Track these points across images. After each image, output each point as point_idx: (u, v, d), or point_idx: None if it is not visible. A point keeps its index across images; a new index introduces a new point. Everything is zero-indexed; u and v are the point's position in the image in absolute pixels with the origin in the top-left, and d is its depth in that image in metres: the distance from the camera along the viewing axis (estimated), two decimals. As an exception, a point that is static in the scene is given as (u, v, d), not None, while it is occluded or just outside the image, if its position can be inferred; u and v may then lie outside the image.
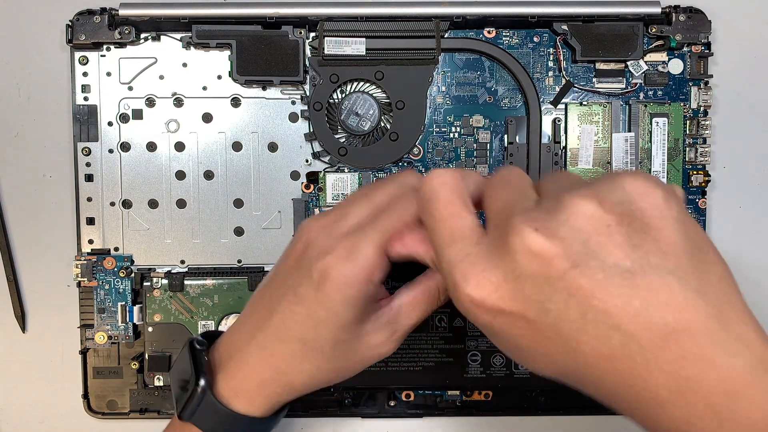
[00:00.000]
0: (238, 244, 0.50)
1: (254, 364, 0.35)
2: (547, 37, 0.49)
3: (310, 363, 0.34)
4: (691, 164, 0.50)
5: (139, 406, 0.51)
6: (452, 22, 0.48)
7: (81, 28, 0.48)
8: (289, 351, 0.34)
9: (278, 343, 0.35)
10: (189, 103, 0.49)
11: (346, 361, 0.35)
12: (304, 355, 0.34)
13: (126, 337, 0.50)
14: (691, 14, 0.48)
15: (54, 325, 0.51)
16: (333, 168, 0.50)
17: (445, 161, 0.50)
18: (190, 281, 0.49)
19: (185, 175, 0.50)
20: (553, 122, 0.49)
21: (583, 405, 0.51)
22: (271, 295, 0.36)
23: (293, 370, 0.35)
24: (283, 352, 0.35)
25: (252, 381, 0.35)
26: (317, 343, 0.34)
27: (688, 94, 0.49)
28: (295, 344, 0.34)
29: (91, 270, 0.49)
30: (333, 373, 0.36)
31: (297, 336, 0.34)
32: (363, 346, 0.35)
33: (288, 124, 0.50)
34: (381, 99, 0.49)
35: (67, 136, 0.50)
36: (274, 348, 0.35)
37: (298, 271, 0.34)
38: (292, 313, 0.34)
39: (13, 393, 0.52)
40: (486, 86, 0.50)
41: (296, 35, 0.48)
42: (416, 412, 0.51)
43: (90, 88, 0.49)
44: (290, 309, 0.34)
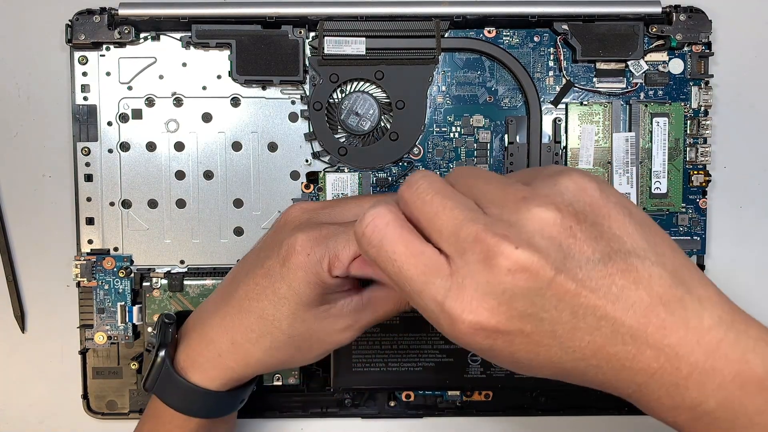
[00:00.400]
0: (238, 244, 0.50)
1: (213, 335, 0.36)
2: (547, 36, 0.49)
3: (266, 338, 0.35)
4: (691, 164, 0.49)
5: (139, 406, 0.51)
6: (452, 22, 0.48)
7: (81, 28, 0.48)
8: (247, 323, 0.35)
9: (238, 314, 0.35)
10: (189, 102, 0.49)
11: (302, 342, 0.35)
12: (261, 330, 0.35)
13: (125, 337, 0.50)
14: (691, 14, 0.48)
15: (54, 325, 0.51)
16: (333, 168, 0.50)
17: (446, 161, 0.50)
18: (190, 281, 0.49)
19: (185, 175, 0.50)
20: (554, 122, 0.49)
21: (583, 405, 0.51)
22: (240, 269, 0.37)
23: (250, 344, 0.35)
24: (242, 324, 0.35)
25: (209, 352, 0.36)
26: (276, 319, 0.34)
27: (689, 93, 0.49)
28: (254, 317, 0.35)
29: (91, 270, 0.49)
30: (288, 353, 0.36)
31: (258, 309, 0.34)
32: (322, 330, 0.35)
33: (288, 124, 0.50)
34: (381, 99, 0.49)
35: (67, 136, 0.50)
36: (233, 320, 0.35)
37: (271, 244, 0.35)
38: (256, 285, 0.35)
39: (13, 393, 0.52)
40: (486, 86, 0.50)
41: (296, 35, 0.48)
42: (416, 412, 0.51)
43: (89, 87, 0.49)
44: (255, 281, 0.35)
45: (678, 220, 0.50)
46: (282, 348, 0.35)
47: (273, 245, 0.35)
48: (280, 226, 0.36)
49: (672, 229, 0.50)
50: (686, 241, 0.50)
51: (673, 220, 0.50)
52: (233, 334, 0.36)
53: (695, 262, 0.50)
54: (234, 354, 0.36)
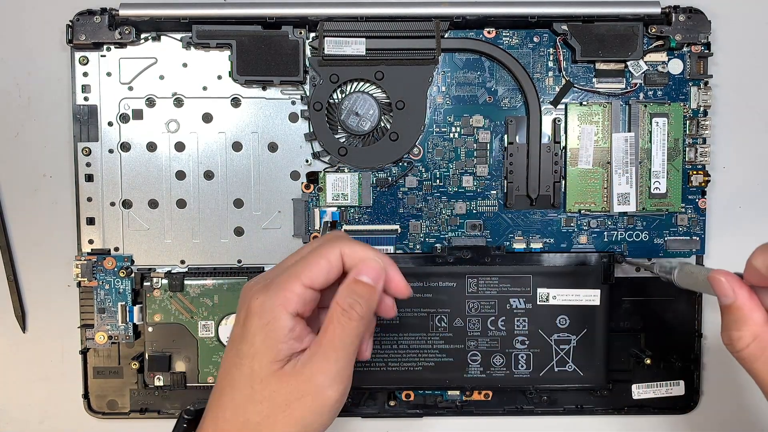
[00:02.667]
0: (238, 244, 0.50)
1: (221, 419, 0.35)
2: (547, 37, 0.49)
3: (250, 411, 0.34)
4: (690, 164, 0.50)
5: (140, 405, 0.51)
6: (452, 23, 0.48)
7: (81, 28, 0.48)
8: (229, 402, 0.34)
9: (221, 396, 0.35)
10: (189, 103, 0.49)
11: (282, 404, 0.34)
12: (242, 404, 0.34)
13: (126, 337, 0.50)
14: (690, 14, 0.48)
15: (54, 325, 0.51)
16: (333, 168, 0.50)
17: (445, 161, 0.50)
18: (190, 281, 0.49)
19: (185, 175, 0.50)
20: (553, 122, 0.49)
21: (583, 405, 0.51)
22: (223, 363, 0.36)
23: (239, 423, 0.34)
24: (224, 405, 0.34)
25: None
26: (249, 385, 0.33)
27: (688, 94, 0.49)
28: (234, 392, 0.34)
29: (91, 270, 0.49)
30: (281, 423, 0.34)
31: (232, 382, 0.34)
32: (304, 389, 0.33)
33: (288, 124, 0.50)
34: (381, 99, 0.49)
35: (67, 136, 0.50)
36: (219, 405, 0.35)
37: (236, 319, 0.36)
38: (231, 359, 0.35)
39: (13, 393, 0.52)
40: (486, 86, 0.50)
41: (296, 35, 0.48)
42: (416, 412, 0.51)
43: (90, 88, 0.49)
44: (230, 353, 0.35)
45: (677, 220, 0.50)
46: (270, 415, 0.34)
47: (238, 314, 0.36)
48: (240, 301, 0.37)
49: (671, 229, 0.50)
50: (686, 241, 0.50)
51: (673, 220, 0.50)
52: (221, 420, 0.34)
53: (694, 262, 0.51)
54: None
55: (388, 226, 0.50)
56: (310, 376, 0.33)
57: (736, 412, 0.52)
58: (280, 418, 0.33)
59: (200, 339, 0.49)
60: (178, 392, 0.50)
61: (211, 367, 0.49)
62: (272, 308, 0.33)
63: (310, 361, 0.33)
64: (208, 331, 0.49)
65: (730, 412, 0.52)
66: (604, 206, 0.49)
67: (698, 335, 0.51)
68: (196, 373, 0.49)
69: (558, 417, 0.51)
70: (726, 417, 0.52)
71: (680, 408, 0.51)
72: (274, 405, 0.33)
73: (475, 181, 0.50)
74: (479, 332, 0.49)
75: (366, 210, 0.50)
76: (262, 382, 0.33)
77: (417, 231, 0.50)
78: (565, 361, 0.49)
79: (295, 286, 0.34)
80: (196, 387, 0.50)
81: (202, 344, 0.49)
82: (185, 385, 0.49)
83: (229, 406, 0.34)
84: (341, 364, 0.34)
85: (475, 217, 0.50)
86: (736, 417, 0.52)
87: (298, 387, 0.33)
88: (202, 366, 0.49)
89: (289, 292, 0.34)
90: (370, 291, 0.34)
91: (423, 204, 0.50)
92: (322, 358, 0.33)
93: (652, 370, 0.51)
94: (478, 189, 0.50)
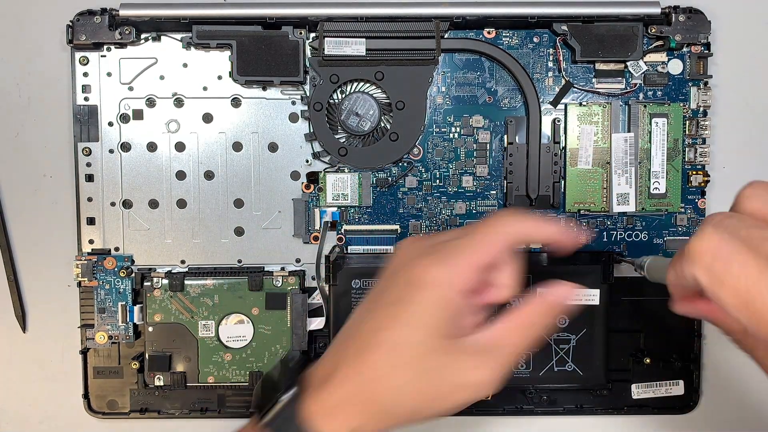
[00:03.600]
0: (238, 244, 0.50)
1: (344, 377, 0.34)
2: (546, 37, 0.49)
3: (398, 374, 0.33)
4: (690, 164, 0.50)
5: (140, 405, 0.51)
6: (452, 23, 0.48)
7: (81, 29, 0.48)
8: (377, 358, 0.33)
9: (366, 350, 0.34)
10: (189, 103, 0.49)
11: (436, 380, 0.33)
12: (393, 362, 0.33)
13: (126, 336, 0.50)
14: (690, 14, 0.48)
15: (54, 325, 0.51)
16: (333, 168, 0.50)
17: (445, 161, 0.50)
18: (191, 281, 0.49)
19: (185, 175, 0.50)
20: (553, 122, 0.49)
21: (583, 405, 0.51)
22: (361, 310, 0.36)
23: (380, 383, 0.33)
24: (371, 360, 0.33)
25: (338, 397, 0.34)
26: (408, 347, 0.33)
27: (688, 94, 0.50)
28: (384, 350, 0.33)
29: (92, 270, 0.49)
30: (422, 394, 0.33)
31: (388, 340, 0.33)
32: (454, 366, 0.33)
33: (288, 124, 0.50)
34: (381, 99, 0.49)
35: (68, 137, 0.50)
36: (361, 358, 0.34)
37: (391, 280, 0.34)
38: (385, 316, 0.33)
39: (13, 393, 0.52)
40: (486, 86, 0.50)
41: (296, 35, 0.48)
42: (416, 411, 0.51)
43: (90, 88, 0.49)
44: (383, 312, 0.34)
45: (677, 220, 0.50)
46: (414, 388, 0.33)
47: (394, 279, 0.34)
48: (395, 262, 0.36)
49: (671, 229, 0.50)
50: (685, 241, 0.50)
51: (672, 220, 0.50)
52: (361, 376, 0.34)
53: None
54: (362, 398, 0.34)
55: (388, 226, 0.50)
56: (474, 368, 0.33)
57: (736, 412, 0.52)
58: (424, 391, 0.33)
59: (200, 339, 0.49)
60: (178, 392, 0.50)
61: (211, 367, 0.49)
62: (450, 285, 0.32)
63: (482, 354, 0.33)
64: (208, 330, 0.49)
65: (729, 412, 0.52)
66: (603, 206, 0.50)
67: (698, 335, 0.51)
68: (196, 372, 0.49)
69: (558, 417, 0.51)
70: (726, 417, 0.52)
71: (680, 408, 0.51)
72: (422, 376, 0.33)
73: (474, 181, 0.50)
74: (479, 332, 0.49)
75: (366, 210, 0.50)
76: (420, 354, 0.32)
77: (417, 231, 0.50)
78: (564, 361, 0.49)
79: (473, 264, 0.32)
80: (196, 387, 0.50)
81: (202, 344, 0.49)
82: (185, 385, 0.49)
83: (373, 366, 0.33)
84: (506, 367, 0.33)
85: (475, 217, 0.50)
86: (735, 417, 0.52)
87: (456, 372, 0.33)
88: (202, 366, 0.49)
89: (467, 271, 0.32)
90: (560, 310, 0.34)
91: (423, 204, 0.50)
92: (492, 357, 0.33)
93: (652, 369, 0.51)
94: (477, 189, 0.50)
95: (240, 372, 0.49)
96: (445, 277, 0.32)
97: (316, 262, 0.50)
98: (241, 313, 0.49)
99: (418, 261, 0.33)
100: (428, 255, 0.33)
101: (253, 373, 0.49)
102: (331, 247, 0.50)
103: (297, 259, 0.50)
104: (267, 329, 0.49)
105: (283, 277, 0.49)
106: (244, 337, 0.49)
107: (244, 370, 0.49)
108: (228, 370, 0.49)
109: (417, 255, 0.34)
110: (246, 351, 0.49)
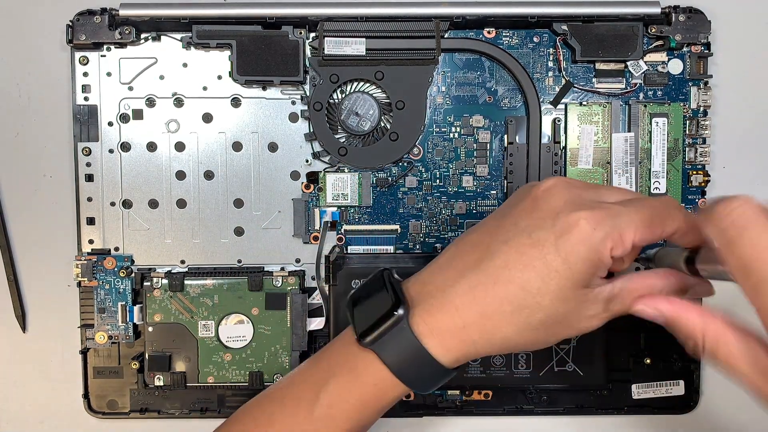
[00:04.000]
0: (238, 244, 0.50)
1: (460, 304, 0.33)
2: (546, 37, 0.49)
3: (522, 314, 0.32)
4: (690, 164, 0.50)
5: (140, 405, 0.51)
6: (452, 23, 0.48)
7: (81, 29, 0.48)
8: (504, 295, 0.32)
9: (494, 285, 0.33)
10: (189, 103, 0.49)
11: (555, 323, 0.33)
12: (520, 303, 0.32)
13: (126, 336, 0.50)
14: (690, 14, 0.48)
15: (54, 325, 0.51)
16: (333, 168, 0.50)
17: (445, 161, 0.50)
18: (190, 281, 0.49)
19: (185, 175, 0.50)
20: (553, 122, 0.49)
21: (583, 405, 0.51)
22: (491, 237, 0.34)
23: (501, 318, 0.33)
24: (497, 295, 0.32)
25: (453, 321, 0.33)
26: (540, 293, 0.32)
27: (688, 94, 0.49)
28: (514, 289, 0.32)
29: (92, 270, 0.49)
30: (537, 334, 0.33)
31: (520, 280, 0.32)
32: (575, 313, 0.33)
33: (288, 124, 0.50)
34: (381, 99, 0.49)
35: (68, 136, 0.50)
36: (487, 290, 0.33)
37: (535, 213, 0.33)
38: (521, 255, 0.32)
39: (13, 393, 0.52)
40: (486, 86, 0.50)
41: (296, 35, 0.48)
42: (416, 412, 0.51)
43: (90, 88, 0.49)
44: (520, 251, 0.32)
45: (677, 220, 0.50)
46: (534, 327, 0.33)
47: (541, 215, 0.33)
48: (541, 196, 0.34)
49: (671, 229, 0.50)
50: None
51: (673, 220, 0.50)
52: (484, 306, 0.33)
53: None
54: (481, 327, 0.33)
55: (388, 226, 0.50)
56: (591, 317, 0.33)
57: (736, 412, 0.52)
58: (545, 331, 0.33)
59: (200, 339, 0.49)
60: (178, 392, 0.50)
61: (211, 367, 0.49)
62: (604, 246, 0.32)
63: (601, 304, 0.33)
64: (208, 331, 0.49)
65: (730, 412, 0.52)
66: (604, 206, 0.49)
67: (698, 335, 0.51)
68: (196, 373, 0.49)
69: (558, 417, 0.51)
70: (726, 417, 0.52)
71: (680, 408, 0.51)
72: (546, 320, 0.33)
73: (475, 181, 0.50)
74: (479, 332, 0.49)
75: (366, 210, 0.50)
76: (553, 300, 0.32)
77: (417, 231, 0.50)
78: (564, 361, 0.49)
79: (634, 235, 0.32)
80: (196, 387, 0.50)
81: (202, 344, 0.49)
82: (185, 385, 0.49)
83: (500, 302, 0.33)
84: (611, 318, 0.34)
85: (475, 217, 0.50)
86: (736, 417, 0.52)
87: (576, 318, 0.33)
88: (202, 366, 0.49)
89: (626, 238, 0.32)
90: None
91: (423, 204, 0.50)
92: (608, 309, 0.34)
93: (652, 370, 0.51)
94: (478, 189, 0.50)
95: (240, 372, 0.49)
96: (602, 236, 0.31)
97: (316, 262, 0.50)
98: (240, 313, 0.49)
99: (580, 210, 0.32)
100: (592, 209, 0.32)
101: (253, 373, 0.49)
102: (331, 247, 0.50)
103: (297, 259, 0.50)
104: (267, 329, 0.49)
105: (283, 277, 0.49)
106: (243, 337, 0.49)
107: (243, 370, 0.49)
108: (228, 370, 0.49)
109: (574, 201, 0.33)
110: (246, 351, 0.49)
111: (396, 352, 0.34)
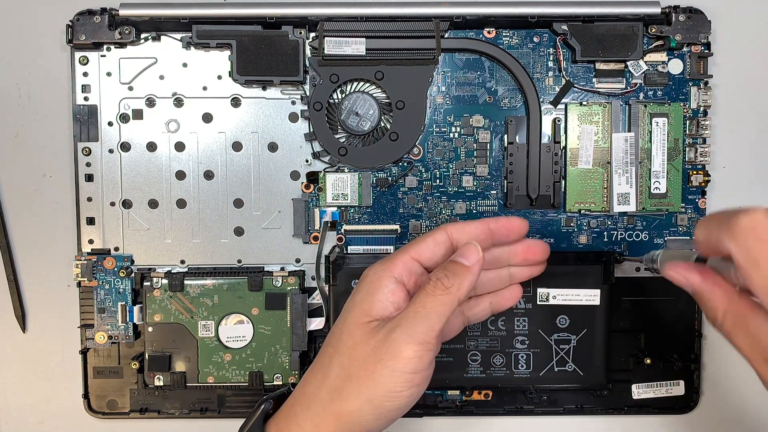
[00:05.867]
0: (238, 244, 0.50)
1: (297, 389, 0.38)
2: (547, 37, 0.49)
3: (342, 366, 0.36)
4: (690, 164, 0.50)
5: (140, 405, 0.51)
6: (452, 22, 0.48)
7: (81, 28, 0.48)
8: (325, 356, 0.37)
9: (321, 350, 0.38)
10: (189, 103, 0.49)
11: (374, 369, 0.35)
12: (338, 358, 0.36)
13: (126, 336, 0.50)
14: (690, 14, 0.48)
15: (54, 325, 0.51)
16: (333, 168, 0.50)
17: (445, 161, 0.50)
18: (190, 281, 0.49)
19: (185, 175, 0.50)
20: (553, 122, 0.49)
21: (583, 405, 0.51)
22: None
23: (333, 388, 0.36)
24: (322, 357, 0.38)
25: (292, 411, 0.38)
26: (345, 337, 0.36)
27: (688, 94, 0.49)
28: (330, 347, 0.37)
29: (92, 270, 0.49)
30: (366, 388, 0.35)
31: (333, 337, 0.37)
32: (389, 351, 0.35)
33: (288, 124, 0.50)
34: (381, 99, 0.49)
35: (67, 136, 0.50)
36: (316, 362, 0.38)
37: None
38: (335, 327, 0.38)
39: (13, 393, 0.52)
40: (486, 86, 0.50)
41: (296, 35, 0.48)
42: (416, 412, 0.51)
43: (90, 88, 0.49)
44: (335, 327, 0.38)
45: (677, 220, 0.50)
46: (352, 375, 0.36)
47: None
48: None
49: (671, 228, 0.50)
50: (686, 240, 0.50)
51: (673, 219, 0.50)
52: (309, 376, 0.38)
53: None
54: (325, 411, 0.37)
55: (388, 226, 0.50)
56: (392, 340, 0.35)
57: (736, 412, 0.52)
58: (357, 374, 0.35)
59: (200, 339, 0.49)
60: (178, 392, 0.50)
61: (211, 367, 0.49)
62: (378, 271, 0.37)
63: (395, 325, 0.35)
64: (208, 331, 0.49)
65: (730, 412, 0.52)
66: (604, 206, 0.49)
67: (698, 335, 0.51)
68: (196, 373, 0.49)
69: (558, 417, 0.51)
70: (726, 417, 0.52)
71: (680, 408, 0.51)
72: (353, 358, 0.36)
73: (475, 181, 0.50)
74: (479, 332, 0.49)
75: (366, 210, 0.50)
76: (349, 333, 0.36)
77: (417, 231, 0.50)
78: (565, 361, 0.49)
79: (402, 255, 0.38)
80: (196, 387, 0.50)
81: (202, 344, 0.49)
82: (185, 385, 0.49)
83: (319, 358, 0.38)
84: (423, 331, 0.35)
85: (475, 217, 0.50)
86: (736, 417, 0.52)
87: (378, 347, 0.35)
88: (202, 366, 0.49)
89: (397, 259, 0.38)
90: (464, 270, 0.36)
91: (423, 204, 0.50)
92: (406, 323, 0.35)
93: (652, 370, 0.51)
94: (478, 189, 0.50)
95: (240, 372, 0.49)
96: (378, 267, 0.38)
97: (316, 262, 0.50)
98: (240, 313, 0.49)
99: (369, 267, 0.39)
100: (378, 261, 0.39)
101: (253, 373, 0.49)
102: (330, 247, 0.50)
103: (297, 259, 0.50)
104: (267, 329, 0.49)
105: (283, 277, 0.49)
106: (243, 337, 0.49)
107: (243, 370, 0.49)
108: (228, 370, 0.49)
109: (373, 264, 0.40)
110: (246, 351, 0.49)
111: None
